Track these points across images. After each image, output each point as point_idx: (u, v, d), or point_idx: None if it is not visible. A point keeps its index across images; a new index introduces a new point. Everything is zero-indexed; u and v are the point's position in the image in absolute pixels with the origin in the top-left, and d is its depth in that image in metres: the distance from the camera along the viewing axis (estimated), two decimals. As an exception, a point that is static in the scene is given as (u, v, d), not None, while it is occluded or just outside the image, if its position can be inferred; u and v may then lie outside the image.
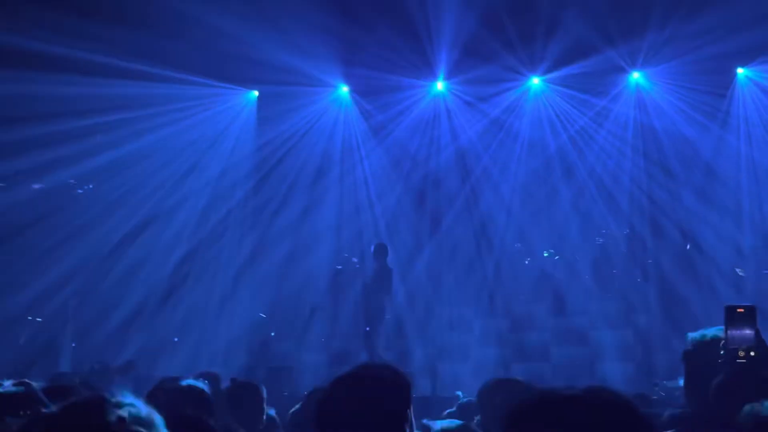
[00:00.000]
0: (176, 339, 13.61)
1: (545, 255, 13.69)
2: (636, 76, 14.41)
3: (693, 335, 3.69)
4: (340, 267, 13.51)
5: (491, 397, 4.48)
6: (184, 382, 4.68)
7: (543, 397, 1.63)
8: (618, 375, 10.60)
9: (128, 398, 1.76)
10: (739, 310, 3.51)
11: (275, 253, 14.33)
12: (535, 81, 14.94)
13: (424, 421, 4.32)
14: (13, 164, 13.48)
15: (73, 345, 13.48)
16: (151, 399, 4.14)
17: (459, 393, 8.80)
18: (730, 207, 13.57)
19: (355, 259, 12.32)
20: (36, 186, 14.64)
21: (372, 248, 12.40)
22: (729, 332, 3.45)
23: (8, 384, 3.82)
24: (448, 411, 5.85)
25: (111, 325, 13.65)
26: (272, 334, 13.05)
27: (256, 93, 14.90)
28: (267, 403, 5.50)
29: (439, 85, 15.02)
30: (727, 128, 13.80)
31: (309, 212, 14.68)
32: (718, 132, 13.80)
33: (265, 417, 5.42)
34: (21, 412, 3.42)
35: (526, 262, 13.97)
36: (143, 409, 1.74)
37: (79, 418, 1.70)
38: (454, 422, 4.08)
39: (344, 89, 15.08)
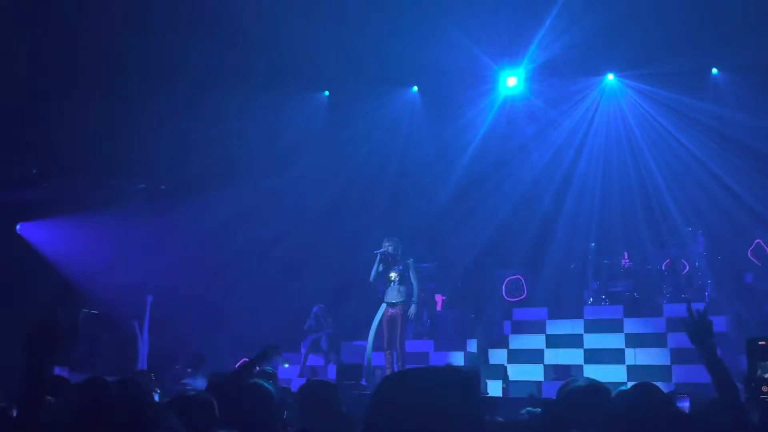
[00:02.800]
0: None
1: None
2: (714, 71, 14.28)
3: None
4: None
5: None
6: (251, 381, 4.69)
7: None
8: (696, 377, 10.25)
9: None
10: (761, 342, 3.27)
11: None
12: (610, 77, 15.06)
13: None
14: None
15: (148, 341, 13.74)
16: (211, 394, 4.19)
17: (533, 392, 8.70)
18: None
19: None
20: None
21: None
22: (750, 367, 3.20)
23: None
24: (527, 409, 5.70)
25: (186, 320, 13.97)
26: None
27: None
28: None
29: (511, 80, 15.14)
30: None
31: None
32: None
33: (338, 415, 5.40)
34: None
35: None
36: None
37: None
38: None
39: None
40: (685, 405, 5.89)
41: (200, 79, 13.20)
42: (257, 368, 5.49)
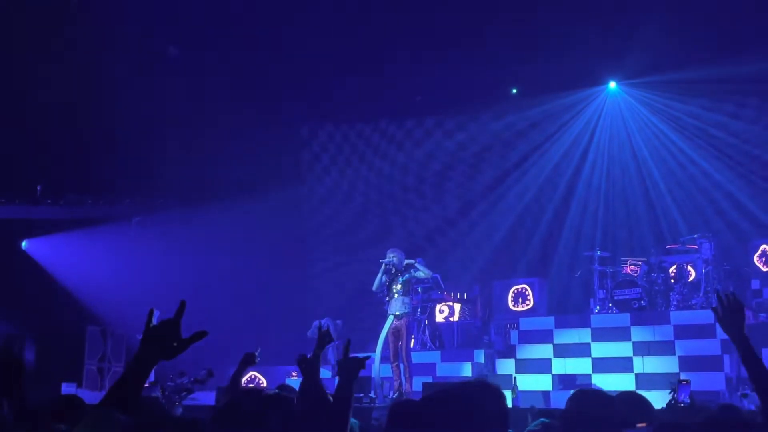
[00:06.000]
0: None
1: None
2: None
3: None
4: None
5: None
6: (270, 391, 4.70)
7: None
8: (705, 385, 10.22)
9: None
10: None
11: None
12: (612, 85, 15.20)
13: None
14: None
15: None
16: (234, 407, 4.18)
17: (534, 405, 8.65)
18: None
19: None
20: None
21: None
22: None
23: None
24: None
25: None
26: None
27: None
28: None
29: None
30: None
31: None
32: None
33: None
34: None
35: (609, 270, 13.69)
36: None
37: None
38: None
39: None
40: (686, 393, 5.83)
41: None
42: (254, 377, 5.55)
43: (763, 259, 13.34)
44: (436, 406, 2.54)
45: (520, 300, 14.39)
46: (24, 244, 15.80)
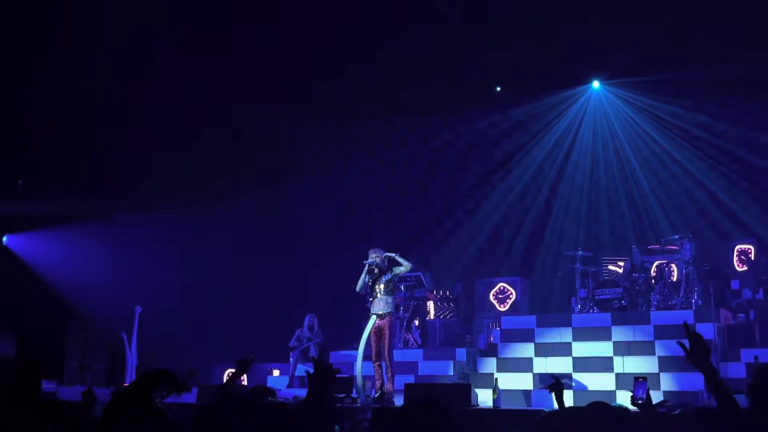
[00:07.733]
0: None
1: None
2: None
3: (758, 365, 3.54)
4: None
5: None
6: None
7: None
8: (685, 385, 10.31)
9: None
10: None
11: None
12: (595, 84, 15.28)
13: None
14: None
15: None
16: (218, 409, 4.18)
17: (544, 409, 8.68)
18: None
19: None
20: None
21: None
22: None
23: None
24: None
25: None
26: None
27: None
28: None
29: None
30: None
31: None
32: None
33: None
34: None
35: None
36: None
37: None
38: None
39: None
40: (642, 390, 5.79)
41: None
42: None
43: (743, 258, 13.46)
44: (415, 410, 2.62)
45: (502, 299, 14.45)
46: (5, 239, 15.69)
